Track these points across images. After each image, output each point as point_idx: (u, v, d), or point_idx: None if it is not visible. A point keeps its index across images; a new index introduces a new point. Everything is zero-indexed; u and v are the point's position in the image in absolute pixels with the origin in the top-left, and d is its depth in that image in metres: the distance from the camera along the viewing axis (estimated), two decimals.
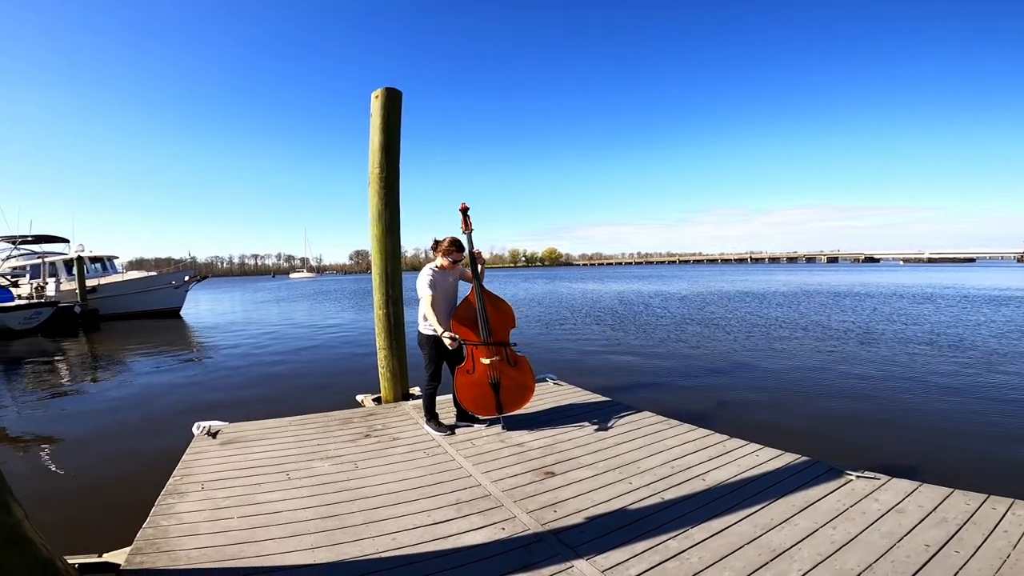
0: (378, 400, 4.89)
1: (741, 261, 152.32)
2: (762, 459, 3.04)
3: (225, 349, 11.63)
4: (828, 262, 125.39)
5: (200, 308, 26.89)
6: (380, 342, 4.82)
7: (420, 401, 4.08)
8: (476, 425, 3.83)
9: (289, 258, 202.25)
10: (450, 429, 3.73)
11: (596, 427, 3.71)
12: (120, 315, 19.98)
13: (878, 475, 2.72)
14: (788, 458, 3.04)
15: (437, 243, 3.79)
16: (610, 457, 3.13)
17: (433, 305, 3.68)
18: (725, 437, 3.43)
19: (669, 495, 2.57)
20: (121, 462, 4.62)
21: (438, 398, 4.01)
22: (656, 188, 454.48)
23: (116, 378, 8.85)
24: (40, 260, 20.06)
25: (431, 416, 3.81)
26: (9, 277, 16.82)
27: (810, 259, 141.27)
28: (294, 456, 3.29)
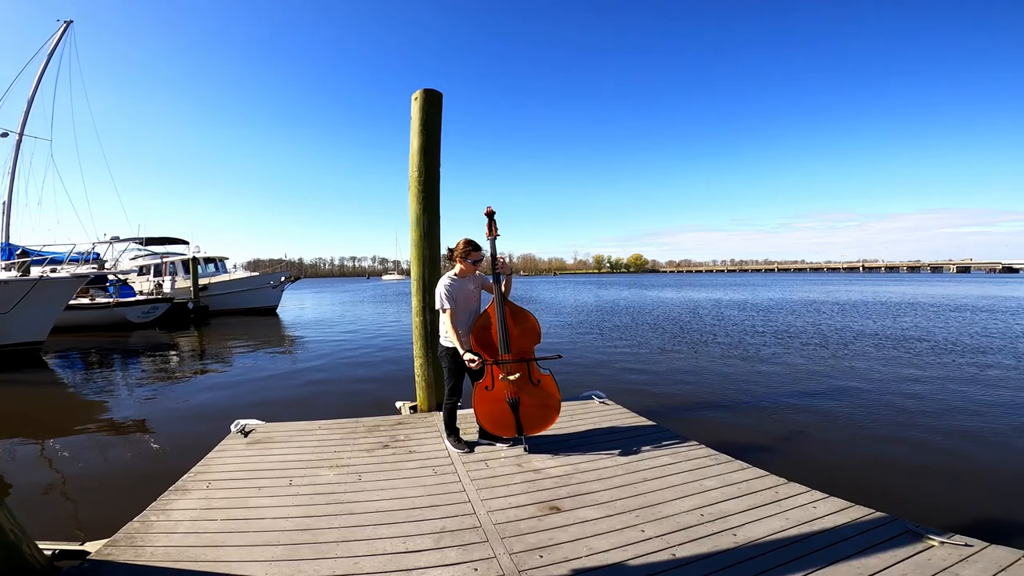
0: (414, 408, 4.84)
1: (851, 270, 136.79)
2: (819, 512, 2.51)
3: (312, 347, 12.37)
4: (957, 272, 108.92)
5: (304, 304, 29.64)
6: (417, 350, 4.77)
7: None
8: (498, 444, 3.61)
9: (383, 260, 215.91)
10: (469, 447, 3.54)
11: (629, 456, 3.32)
12: (226, 311, 22.27)
13: (971, 541, 2.14)
14: (854, 513, 2.49)
15: (451, 250, 3.62)
16: (630, 496, 2.74)
17: (452, 318, 3.53)
18: (781, 481, 2.91)
19: (683, 552, 2.16)
20: (189, 452, 4.90)
21: (463, 412, 3.83)
22: (754, 192, 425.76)
23: (215, 371, 9.74)
24: (161, 260, 22.98)
25: (451, 431, 3.65)
26: (120, 275, 19.24)
27: (936, 269, 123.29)
28: (307, 461, 3.29)
